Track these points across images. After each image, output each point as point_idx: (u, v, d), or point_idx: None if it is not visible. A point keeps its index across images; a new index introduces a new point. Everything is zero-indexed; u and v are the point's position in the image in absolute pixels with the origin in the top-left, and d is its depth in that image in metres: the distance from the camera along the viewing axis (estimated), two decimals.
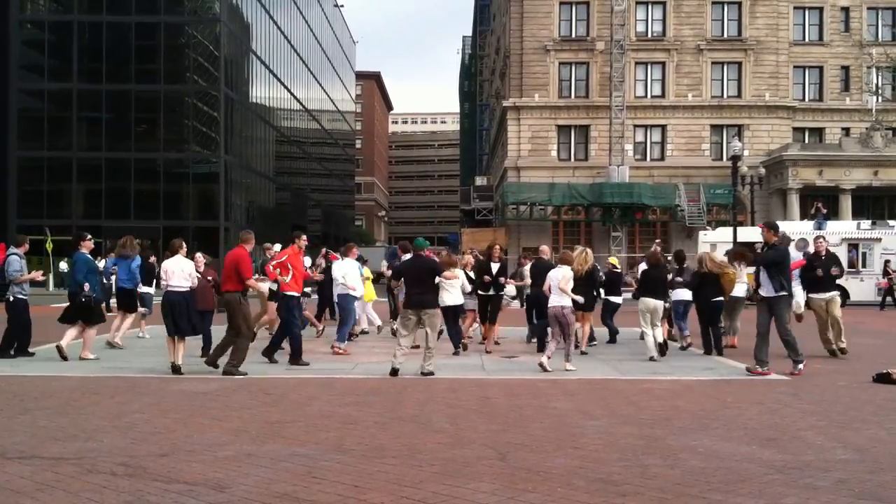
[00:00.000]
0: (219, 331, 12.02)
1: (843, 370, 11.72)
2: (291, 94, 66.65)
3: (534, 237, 42.35)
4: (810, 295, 13.68)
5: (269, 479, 5.61)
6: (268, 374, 10.90)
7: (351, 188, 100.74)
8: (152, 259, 16.28)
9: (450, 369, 11.53)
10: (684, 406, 8.69)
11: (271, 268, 12.37)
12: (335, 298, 14.69)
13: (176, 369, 10.80)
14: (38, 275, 13.30)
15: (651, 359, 12.59)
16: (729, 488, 5.46)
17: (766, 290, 11.16)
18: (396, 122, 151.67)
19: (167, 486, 5.43)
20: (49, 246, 40.19)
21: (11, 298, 12.52)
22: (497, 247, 14.81)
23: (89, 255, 13.06)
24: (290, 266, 12.04)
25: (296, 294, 12.13)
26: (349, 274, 13.97)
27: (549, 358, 11.39)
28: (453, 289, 13.21)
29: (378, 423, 7.59)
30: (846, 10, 48.18)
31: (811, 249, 29.67)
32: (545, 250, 14.99)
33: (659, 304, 13.04)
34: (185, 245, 11.45)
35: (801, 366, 11.09)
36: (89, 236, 13.35)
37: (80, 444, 6.72)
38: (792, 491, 5.40)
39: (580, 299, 12.05)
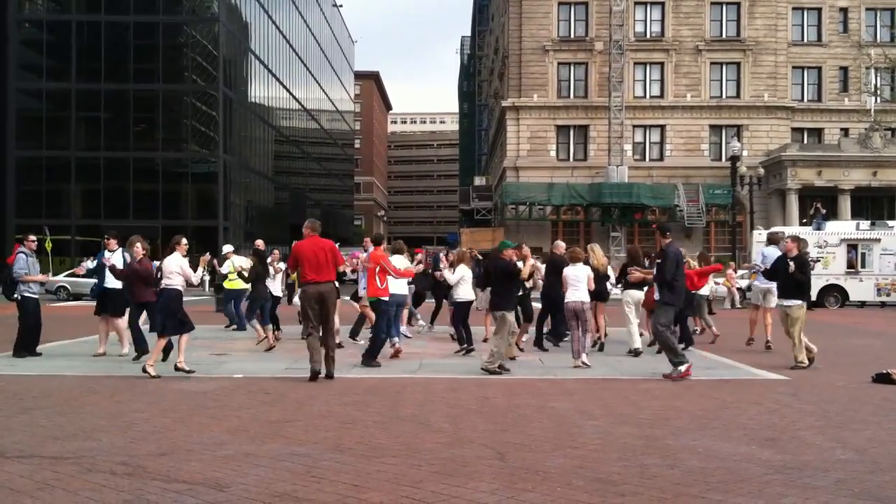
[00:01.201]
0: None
1: (843, 370, 11.74)
2: (290, 93, 66.64)
3: (533, 237, 42.33)
4: (777, 300, 12.54)
5: (268, 479, 5.61)
6: (266, 374, 10.90)
7: (350, 188, 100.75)
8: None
9: (449, 369, 11.55)
10: (683, 406, 8.70)
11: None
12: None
13: (144, 369, 10.42)
14: (44, 277, 13.14)
15: (631, 352, 13.06)
16: (728, 488, 5.46)
17: (661, 296, 10.98)
18: (395, 122, 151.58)
19: (166, 486, 5.43)
20: (48, 246, 40.13)
21: (19, 297, 12.46)
22: (524, 245, 14.90)
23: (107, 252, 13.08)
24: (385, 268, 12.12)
25: (385, 298, 12.18)
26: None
27: (580, 355, 11.74)
28: (466, 284, 13.46)
29: (377, 423, 7.59)
30: (845, 10, 48.24)
31: (810, 250, 29.76)
32: (561, 246, 15.09)
33: (642, 296, 13.58)
34: (182, 242, 11.11)
35: (681, 368, 10.50)
36: (106, 236, 13.35)
37: (79, 443, 6.72)
38: (791, 491, 5.41)
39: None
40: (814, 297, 28.17)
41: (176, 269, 10.81)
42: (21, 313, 12.54)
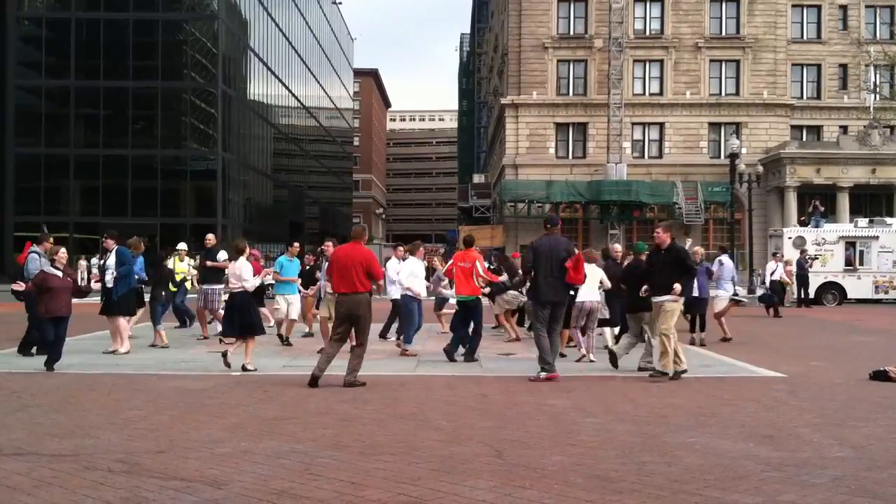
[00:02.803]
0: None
1: (840, 368, 11.74)
2: (289, 91, 66.54)
3: (532, 235, 42.22)
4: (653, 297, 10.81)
5: (266, 476, 5.62)
6: (265, 371, 10.90)
7: (349, 185, 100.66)
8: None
9: (448, 367, 11.56)
10: (681, 403, 8.71)
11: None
12: (393, 298, 14.53)
13: (244, 367, 10.73)
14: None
15: (605, 348, 12.84)
16: (725, 485, 5.46)
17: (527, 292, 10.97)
18: (394, 120, 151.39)
19: (164, 483, 5.43)
20: None
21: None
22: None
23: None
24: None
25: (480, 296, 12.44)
26: (415, 273, 13.38)
27: (588, 352, 12.16)
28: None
29: (375, 420, 7.60)
30: (844, 7, 48.19)
31: (808, 248, 29.76)
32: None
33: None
34: (247, 249, 11.42)
35: (542, 375, 10.16)
36: (105, 235, 13.34)
37: (77, 440, 6.72)
38: (788, 488, 5.41)
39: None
40: (812, 294, 28.23)
41: (237, 272, 11.07)
42: (31, 313, 12.33)
